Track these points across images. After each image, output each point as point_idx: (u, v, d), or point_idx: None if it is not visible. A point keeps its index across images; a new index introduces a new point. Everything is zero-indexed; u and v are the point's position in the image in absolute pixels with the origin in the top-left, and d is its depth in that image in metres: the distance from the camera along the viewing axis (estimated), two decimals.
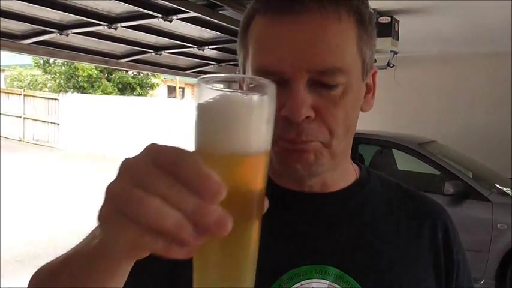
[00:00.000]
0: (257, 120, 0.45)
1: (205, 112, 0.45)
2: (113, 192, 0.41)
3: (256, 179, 0.47)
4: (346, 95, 0.73)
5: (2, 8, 3.90)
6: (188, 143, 0.45)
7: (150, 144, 0.43)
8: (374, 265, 0.79)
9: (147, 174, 0.40)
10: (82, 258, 0.54)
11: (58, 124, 17.00)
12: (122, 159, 0.43)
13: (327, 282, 0.76)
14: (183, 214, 0.39)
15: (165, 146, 0.42)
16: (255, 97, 0.46)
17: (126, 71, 19.75)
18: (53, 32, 4.65)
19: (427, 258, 0.84)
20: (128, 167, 0.42)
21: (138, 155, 0.43)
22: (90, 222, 0.64)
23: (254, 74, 0.74)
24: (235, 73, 0.88)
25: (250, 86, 0.46)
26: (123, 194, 0.40)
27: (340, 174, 0.85)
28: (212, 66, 7.28)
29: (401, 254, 0.82)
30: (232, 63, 7.16)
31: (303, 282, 0.76)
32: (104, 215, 0.42)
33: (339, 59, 0.71)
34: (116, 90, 20.76)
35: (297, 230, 0.81)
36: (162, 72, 9.23)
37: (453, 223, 0.91)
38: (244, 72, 0.80)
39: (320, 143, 0.73)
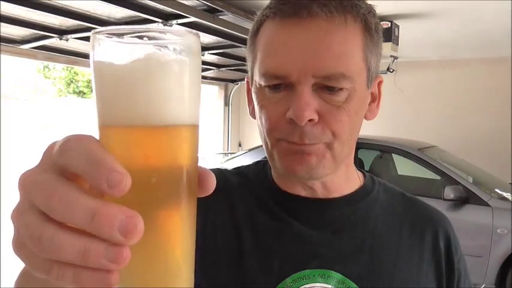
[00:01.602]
0: (174, 83, 0.37)
1: (106, 73, 0.37)
2: (14, 222, 0.37)
3: (178, 154, 0.37)
4: (350, 100, 0.74)
5: (2, 13, 3.91)
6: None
7: (47, 147, 0.37)
8: (376, 271, 0.80)
9: (41, 190, 0.34)
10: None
11: (58, 129, 17.00)
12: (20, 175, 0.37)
13: (330, 286, 0.78)
14: (87, 235, 0.33)
15: (59, 143, 0.35)
16: (172, 54, 0.36)
17: None
18: (52, 37, 4.66)
19: (429, 265, 0.85)
20: (23, 184, 0.36)
21: (36, 165, 0.37)
22: None
23: (262, 78, 0.75)
24: (245, 79, 0.88)
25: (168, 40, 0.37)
26: (20, 225, 0.36)
27: (345, 179, 0.86)
28: (212, 71, 7.30)
29: (403, 261, 0.83)
30: (232, 68, 7.18)
31: (306, 285, 0.77)
32: (14, 246, 0.37)
33: (344, 65, 0.72)
34: None
35: (301, 234, 0.81)
36: None
37: (454, 232, 0.91)
38: (252, 77, 0.81)
39: (323, 144, 0.74)
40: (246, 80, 0.87)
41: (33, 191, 0.35)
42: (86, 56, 5.78)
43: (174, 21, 4.11)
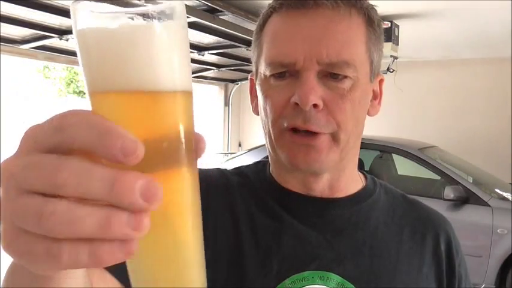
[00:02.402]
0: (161, 47, 0.35)
1: (91, 41, 0.35)
2: (4, 208, 0.32)
3: (169, 120, 0.36)
4: (354, 90, 0.75)
5: (2, 13, 3.91)
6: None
7: (26, 132, 0.35)
8: (376, 274, 0.80)
9: (40, 170, 0.31)
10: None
11: None
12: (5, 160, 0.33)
13: None
14: (104, 203, 0.30)
15: (50, 122, 0.33)
16: (156, 18, 0.35)
17: None
18: (52, 37, 4.66)
19: (429, 268, 0.85)
20: (7, 171, 0.32)
21: (15, 152, 0.35)
22: None
23: (267, 67, 0.77)
24: (247, 77, 0.89)
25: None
26: (15, 211, 0.31)
27: (348, 179, 0.86)
28: (212, 71, 7.29)
29: (404, 264, 0.82)
30: (232, 68, 7.18)
31: (305, 287, 0.77)
32: (4, 243, 0.32)
33: (348, 53, 0.73)
34: None
35: (301, 234, 0.81)
36: None
37: (455, 234, 0.91)
38: (257, 70, 0.82)
39: (329, 135, 0.75)
40: (249, 77, 0.88)
41: (27, 174, 0.31)
42: None
43: None
